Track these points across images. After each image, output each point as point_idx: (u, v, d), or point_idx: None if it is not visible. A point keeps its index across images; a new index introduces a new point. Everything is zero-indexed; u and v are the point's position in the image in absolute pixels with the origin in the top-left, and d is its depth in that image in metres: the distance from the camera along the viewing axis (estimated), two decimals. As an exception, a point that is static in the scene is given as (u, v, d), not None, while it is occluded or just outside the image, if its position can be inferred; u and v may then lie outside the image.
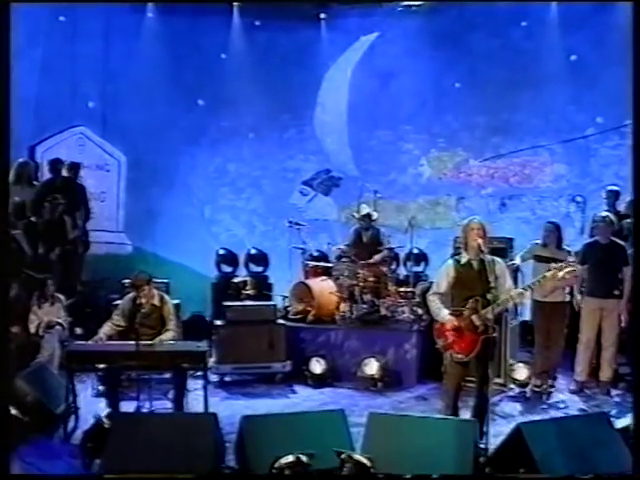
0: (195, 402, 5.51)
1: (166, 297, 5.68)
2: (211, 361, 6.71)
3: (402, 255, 8.59)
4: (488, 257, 4.65)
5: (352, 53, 9.84)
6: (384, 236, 7.52)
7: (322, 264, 7.86)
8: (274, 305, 7.04)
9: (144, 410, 5.46)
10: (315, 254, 8.64)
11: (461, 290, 4.75)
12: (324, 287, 7.33)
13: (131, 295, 5.65)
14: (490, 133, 9.39)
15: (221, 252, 9.06)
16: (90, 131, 9.26)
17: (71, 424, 5.26)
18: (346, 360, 6.84)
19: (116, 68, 9.31)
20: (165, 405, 5.58)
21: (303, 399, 6.40)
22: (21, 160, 7.76)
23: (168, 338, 5.39)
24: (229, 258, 9.04)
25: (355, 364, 6.65)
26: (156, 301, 5.55)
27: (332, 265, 7.38)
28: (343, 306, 7.26)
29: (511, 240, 6.69)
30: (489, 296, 4.54)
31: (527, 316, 6.93)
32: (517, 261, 6.23)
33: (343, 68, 9.87)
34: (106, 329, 5.47)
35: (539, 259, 6.22)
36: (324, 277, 7.49)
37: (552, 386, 6.40)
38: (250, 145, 9.90)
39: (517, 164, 9.37)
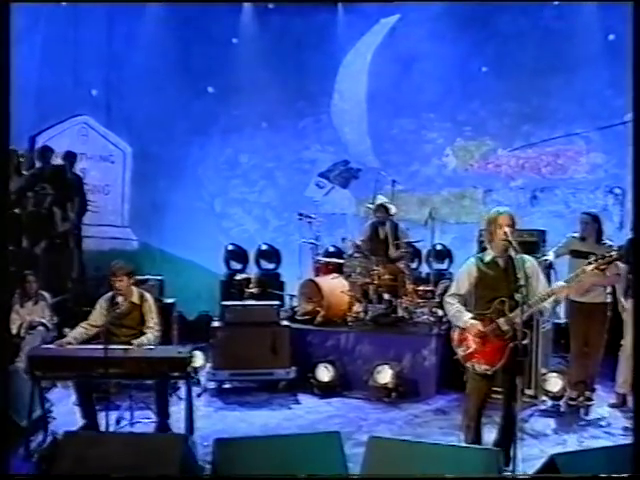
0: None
1: (147, 295, 4.93)
2: (208, 366, 6.18)
3: (424, 251, 7.95)
4: (517, 255, 3.90)
5: (371, 37, 9.26)
6: (402, 231, 6.85)
7: (334, 260, 7.17)
8: (278, 305, 6.31)
9: (124, 421, 4.79)
10: (330, 250, 7.99)
11: (485, 291, 4.00)
12: (335, 285, 6.62)
13: (110, 293, 4.90)
14: (520, 120, 8.75)
15: (230, 248, 8.57)
16: (93, 120, 8.73)
17: (40, 438, 4.55)
18: (357, 367, 6.13)
19: (121, 54, 8.80)
20: (148, 415, 4.85)
21: (306, 410, 5.68)
22: (5, 149, 7.09)
23: (145, 342, 4.62)
24: (238, 254, 8.54)
25: (367, 371, 5.93)
26: (135, 298, 4.81)
27: (344, 261, 6.65)
28: (356, 306, 6.60)
29: (543, 233, 5.99)
30: (518, 297, 3.76)
31: (562, 318, 6.15)
32: (550, 257, 5.50)
33: (362, 53, 9.29)
34: (78, 331, 4.74)
35: (576, 254, 5.44)
36: (335, 275, 6.79)
37: (590, 399, 5.62)
38: (263, 135, 9.35)
39: (550, 153, 8.71)
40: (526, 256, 4.05)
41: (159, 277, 6.43)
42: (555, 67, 8.36)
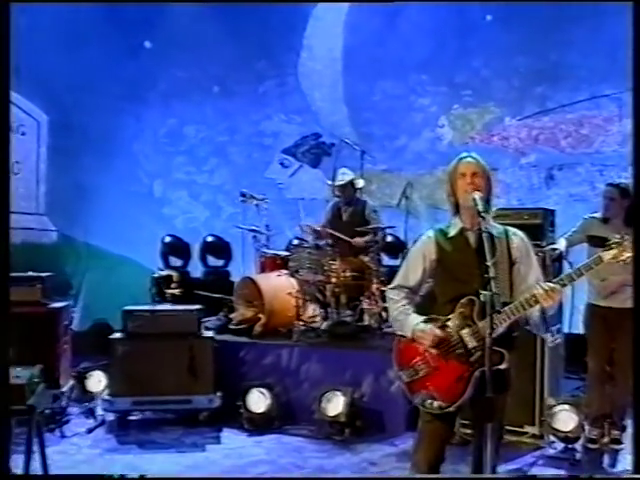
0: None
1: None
2: (104, 393, 5.28)
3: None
4: (497, 227, 2.95)
5: (349, -20, 8.57)
6: (372, 212, 6.00)
7: (284, 253, 6.24)
8: (198, 310, 5.30)
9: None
10: (295, 243, 7.02)
11: (447, 283, 2.95)
12: (279, 285, 5.74)
13: None
14: (533, 81, 7.81)
15: (167, 240, 8.02)
16: (-3, 81, 7.73)
17: None
18: (303, 393, 5.23)
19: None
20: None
21: (226, 453, 4.67)
22: None
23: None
24: (178, 248, 8.09)
25: (315, 399, 4.96)
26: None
27: (289, 254, 5.83)
28: (309, 312, 5.76)
29: (551, 213, 4.95)
30: (497, 295, 2.68)
31: (578, 327, 5.12)
32: (561, 245, 4.62)
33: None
34: None
35: (597, 242, 4.44)
36: (282, 271, 5.88)
37: (618, 441, 4.62)
38: (214, 102, 8.82)
39: (571, 122, 7.75)
40: (512, 229, 3.01)
41: (44, 274, 5.39)
42: (577, 13, 7.46)
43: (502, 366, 2.75)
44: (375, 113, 8.41)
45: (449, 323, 2.85)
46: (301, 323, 5.51)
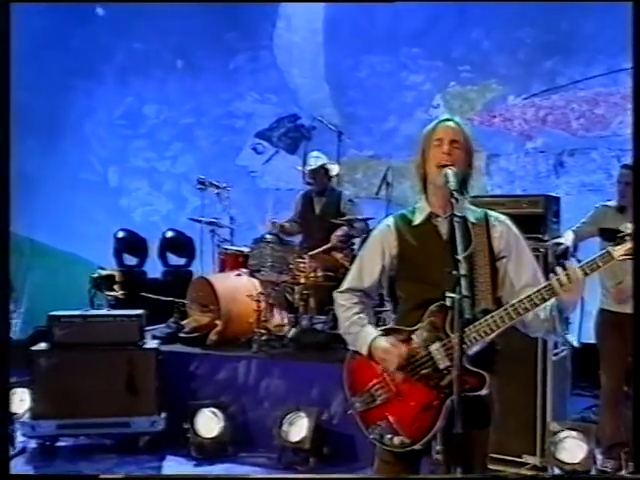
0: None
1: None
2: (25, 416, 4.91)
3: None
4: (475, 211, 2.61)
5: (331, -61, 8.48)
6: (348, 202, 5.79)
7: (247, 249, 5.83)
8: (140, 316, 4.97)
9: None
10: (268, 238, 6.71)
11: (411, 285, 2.61)
12: (239, 286, 5.44)
13: None
14: (541, 54, 7.61)
15: (120, 235, 7.77)
16: None
17: None
18: (262, 413, 4.91)
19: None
20: None
21: None
22: None
23: None
24: (133, 244, 7.80)
25: (276, 421, 4.65)
26: None
27: (248, 250, 5.48)
28: (277, 318, 5.49)
29: (555, 201, 4.62)
30: (467, 299, 2.31)
31: (590, 335, 4.93)
32: (568, 239, 4.38)
33: (318, -37, 8.55)
34: None
35: (610, 235, 4.08)
36: (243, 270, 5.56)
37: (637, 474, 4.15)
38: (178, 78, 8.67)
39: (584, 100, 7.54)
40: (495, 214, 2.62)
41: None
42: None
43: (482, 392, 2.34)
44: (361, 92, 8.30)
45: (415, 336, 2.46)
46: (263, 331, 5.17)
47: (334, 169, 5.84)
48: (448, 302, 2.26)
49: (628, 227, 2.61)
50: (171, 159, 8.75)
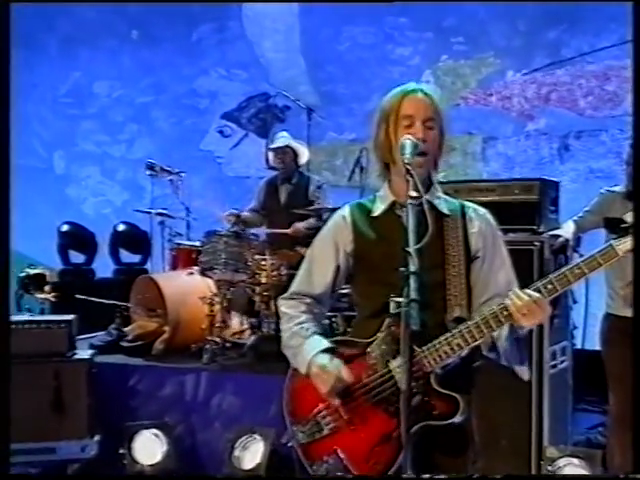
0: None
1: None
2: None
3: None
4: (449, 200, 2.45)
5: None
6: (316, 190, 5.74)
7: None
8: (68, 323, 4.71)
9: None
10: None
11: (370, 288, 2.43)
12: (190, 287, 5.27)
13: None
14: (544, 23, 7.54)
15: (65, 229, 7.67)
16: None
17: None
18: (213, 435, 4.72)
19: None
20: None
21: None
22: None
23: None
24: (81, 239, 7.67)
25: (228, 444, 4.45)
26: None
27: (200, 246, 5.37)
28: (235, 324, 5.42)
29: (553, 186, 4.43)
30: (415, 303, 2.06)
31: (593, 343, 4.92)
32: (568, 230, 4.19)
33: None
34: None
35: (617, 226, 3.92)
36: (196, 268, 5.40)
37: None
38: (133, 51, 8.63)
39: (593, 75, 7.45)
40: (472, 205, 2.44)
41: None
42: None
43: (456, 419, 2.12)
44: (341, 67, 8.26)
45: (372, 350, 2.24)
46: (217, 339, 4.97)
47: (303, 153, 5.74)
48: (392, 308, 1.99)
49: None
50: (126, 143, 8.67)
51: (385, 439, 2.17)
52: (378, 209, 2.34)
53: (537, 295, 2.07)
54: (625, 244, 2.22)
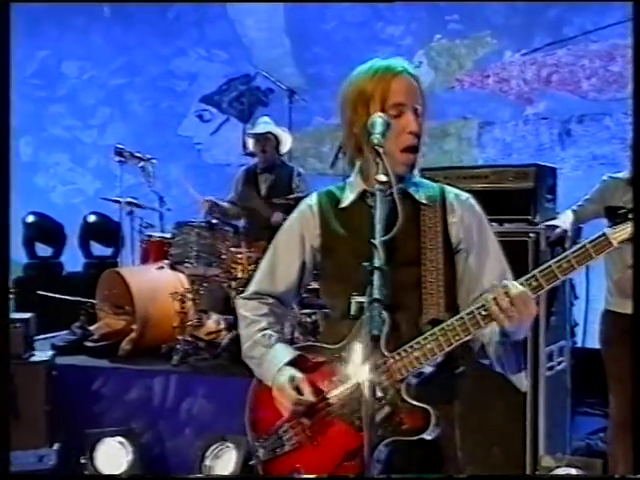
0: None
1: None
2: None
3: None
4: (427, 185, 2.28)
5: None
6: (296, 178, 5.70)
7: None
8: (24, 322, 4.64)
9: None
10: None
11: (338, 287, 2.25)
12: (160, 282, 5.23)
13: None
14: (544, 0, 7.44)
15: (31, 220, 7.69)
16: None
17: None
18: (184, 443, 4.68)
19: None
20: None
21: None
22: None
23: None
24: (48, 231, 7.67)
25: (199, 452, 4.40)
26: None
27: (170, 238, 5.32)
28: (211, 323, 5.35)
29: (551, 173, 4.33)
30: (379, 303, 1.92)
31: (595, 341, 4.73)
32: (566, 220, 4.10)
33: None
34: None
35: (619, 215, 3.79)
36: (167, 262, 5.29)
37: None
38: (105, 29, 8.56)
39: (596, 55, 7.36)
40: (454, 190, 2.28)
41: None
42: None
43: (426, 435, 1.97)
44: (327, 47, 8.15)
45: (340, 356, 2.12)
46: (189, 338, 4.90)
47: (286, 140, 5.66)
48: (352, 309, 1.84)
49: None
50: (98, 128, 8.60)
51: (350, 456, 2.05)
52: (347, 199, 2.20)
53: (521, 289, 1.89)
54: (621, 233, 2.03)
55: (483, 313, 1.90)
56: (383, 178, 1.88)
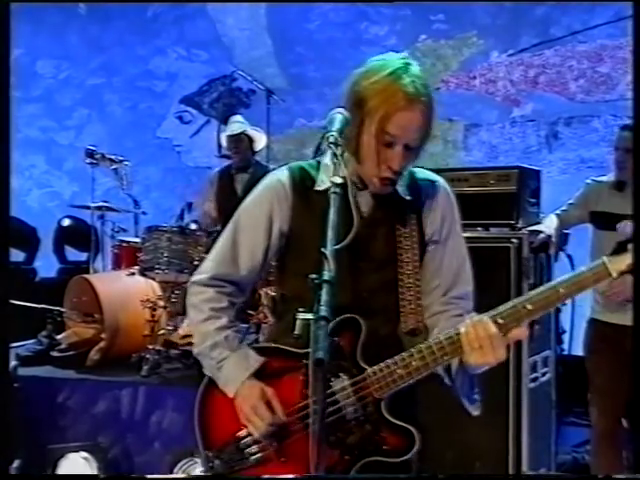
0: None
1: None
2: None
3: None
4: (418, 172, 2.17)
5: None
6: None
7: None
8: None
9: None
10: (193, 227, 6.49)
11: (299, 281, 1.95)
12: (131, 289, 5.06)
13: None
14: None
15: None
16: None
17: None
18: (150, 459, 4.50)
19: None
20: None
21: None
22: None
23: None
24: (20, 235, 7.44)
25: (167, 468, 4.26)
26: None
27: (139, 243, 5.18)
28: (182, 330, 5.02)
29: (534, 176, 4.26)
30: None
31: (577, 348, 4.97)
32: (550, 225, 4.04)
33: None
34: None
35: (604, 221, 4.02)
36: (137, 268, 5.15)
37: None
38: (81, 27, 8.48)
39: (584, 56, 7.38)
40: (428, 174, 2.16)
41: None
42: None
43: (408, 456, 1.88)
44: (311, 47, 8.12)
45: (307, 363, 1.93)
46: (160, 347, 4.73)
47: (260, 139, 5.65)
48: (297, 327, 1.68)
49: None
50: (74, 129, 8.51)
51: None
52: (323, 183, 1.99)
53: (493, 330, 1.77)
54: (620, 263, 1.90)
55: (451, 340, 1.81)
56: (338, 180, 1.73)
